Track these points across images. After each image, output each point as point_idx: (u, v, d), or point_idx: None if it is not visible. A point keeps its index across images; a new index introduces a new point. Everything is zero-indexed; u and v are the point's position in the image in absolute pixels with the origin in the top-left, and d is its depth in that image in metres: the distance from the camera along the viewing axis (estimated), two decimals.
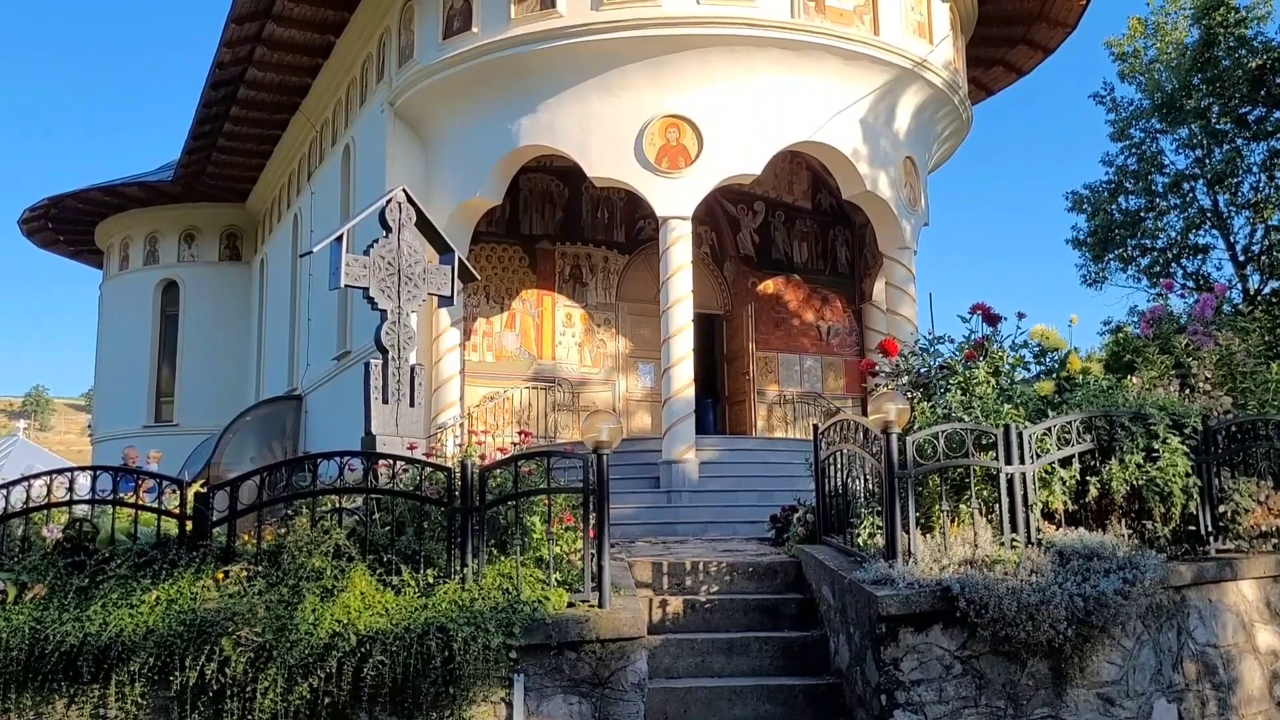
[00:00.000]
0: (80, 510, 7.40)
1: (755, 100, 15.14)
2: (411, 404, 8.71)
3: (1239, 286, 22.67)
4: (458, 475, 6.84)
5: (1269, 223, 22.89)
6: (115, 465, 7.98)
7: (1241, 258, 23.22)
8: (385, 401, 8.56)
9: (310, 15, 18.11)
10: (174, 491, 7.20)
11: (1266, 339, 9.70)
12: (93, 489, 7.64)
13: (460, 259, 9.42)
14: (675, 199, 15.01)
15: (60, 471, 7.70)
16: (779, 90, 15.21)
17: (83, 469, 8.07)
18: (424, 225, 9.28)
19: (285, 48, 19.13)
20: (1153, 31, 24.45)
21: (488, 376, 17.55)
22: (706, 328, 18.86)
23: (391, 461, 7.25)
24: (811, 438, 8.89)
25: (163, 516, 7.14)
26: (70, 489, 7.45)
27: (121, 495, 7.50)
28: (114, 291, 29.01)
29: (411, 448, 8.12)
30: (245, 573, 6.63)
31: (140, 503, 7.28)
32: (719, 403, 19.67)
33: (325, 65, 19.88)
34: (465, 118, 16.23)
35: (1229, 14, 21.46)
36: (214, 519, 6.99)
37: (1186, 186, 24.05)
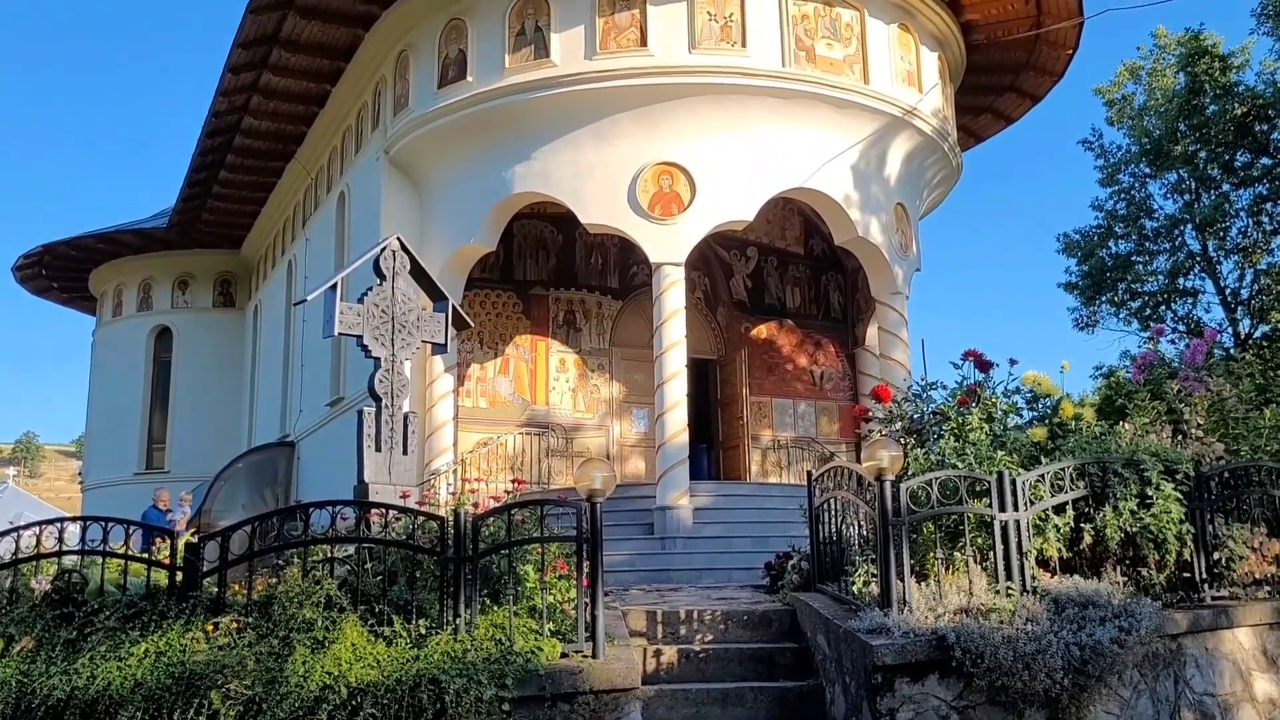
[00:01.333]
0: (69, 561, 7.35)
1: (747, 147, 15.28)
2: (405, 451, 8.69)
3: (1229, 330, 22.80)
4: (451, 524, 6.81)
5: (1257, 267, 23.07)
6: (104, 515, 7.91)
7: (1231, 301, 23.37)
8: (378, 449, 8.54)
9: (306, 65, 18.28)
10: (164, 541, 7.16)
11: (1258, 384, 9.74)
12: (82, 539, 7.59)
13: (454, 306, 9.45)
14: (668, 245, 15.10)
15: (49, 522, 7.66)
16: (771, 138, 15.36)
17: (72, 519, 8.02)
18: (418, 273, 9.31)
19: (281, 97, 19.30)
20: (1142, 78, 24.79)
21: (481, 422, 17.52)
22: (700, 373, 18.88)
23: (384, 510, 7.22)
24: (805, 483, 8.87)
25: (153, 567, 7.09)
26: (60, 539, 7.40)
27: (111, 545, 7.45)
28: (107, 338, 28.99)
29: (404, 496, 8.09)
30: (235, 624, 6.57)
31: (130, 553, 7.22)
32: (713, 448, 19.65)
33: (321, 114, 20.04)
34: (460, 165, 16.35)
35: (1213, 62, 21.78)
36: (204, 569, 6.94)
37: (1175, 231, 24.28)
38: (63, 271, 28.71)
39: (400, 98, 16.80)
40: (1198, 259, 23.86)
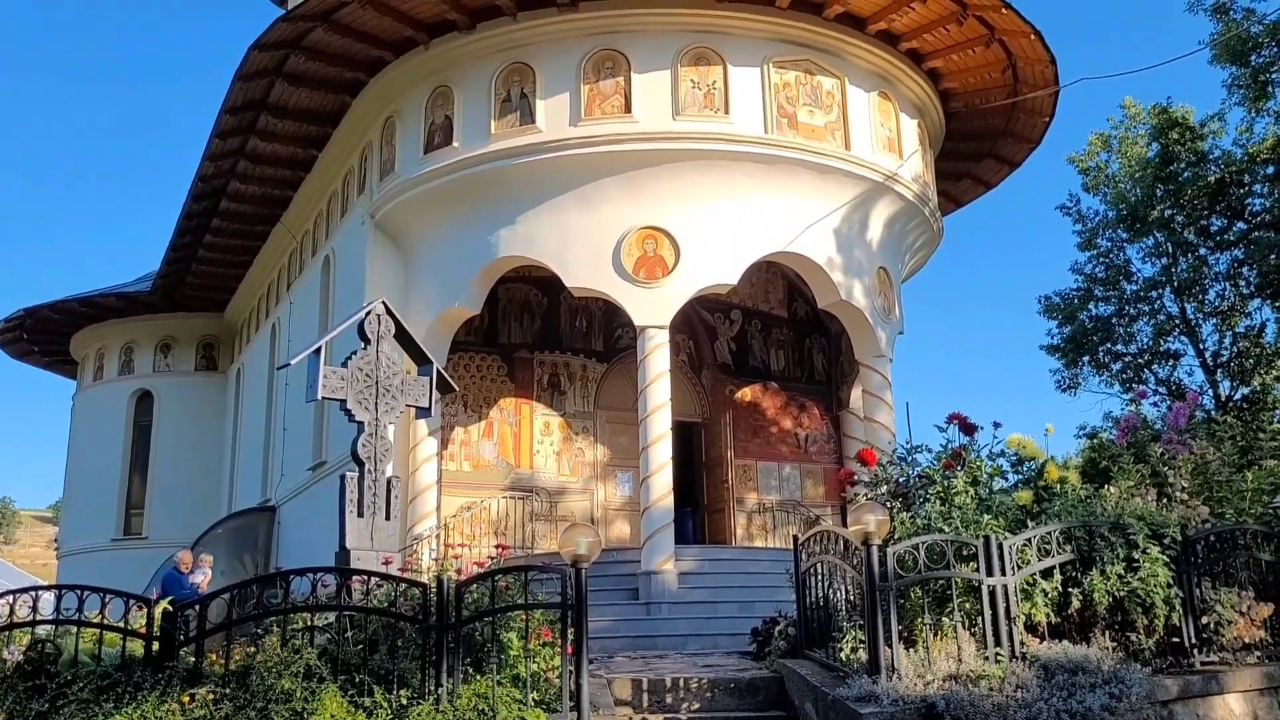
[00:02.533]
0: (43, 630, 7.20)
1: (731, 212, 15.43)
2: (387, 517, 8.60)
3: (1210, 393, 22.95)
4: (433, 591, 6.72)
5: (1235, 330, 23.31)
6: (80, 583, 7.77)
7: (1211, 364, 23.56)
8: (360, 515, 8.44)
9: (294, 131, 18.44)
10: (140, 609, 7.03)
11: (1240, 446, 9.78)
12: (57, 608, 7.45)
13: (439, 370, 9.42)
14: (653, 308, 15.15)
15: (23, 590, 7.52)
16: (754, 202, 15.51)
17: (47, 587, 7.88)
18: (403, 337, 9.29)
19: (268, 162, 19.43)
20: (1114, 146, 25.24)
21: (465, 486, 17.39)
22: (685, 436, 18.83)
23: (366, 577, 7.12)
24: (792, 547, 8.81)
25: (128, 636, 6.95)
26: (34, 608, 7.26)
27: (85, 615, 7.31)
28: (87, 402, 28.77)
29: (387, 562, 7.98)
30: (212, 695, 6.42)
31: (105, 622, 7.09)
32: (698, 511, 19.54)
33: (307, 178, 20.16)
34: (445, 229, 16.43)
35: (1185, 132, 22.23)
36: (181, 639, 6.80)
37: (1154, 294, 24.54)
38: (44, 335, 28.59)
39: (386, 163, 16.94)
40: (1177, 322, 24.10)
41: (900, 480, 8.68)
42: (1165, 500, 8.23)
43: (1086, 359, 25.09)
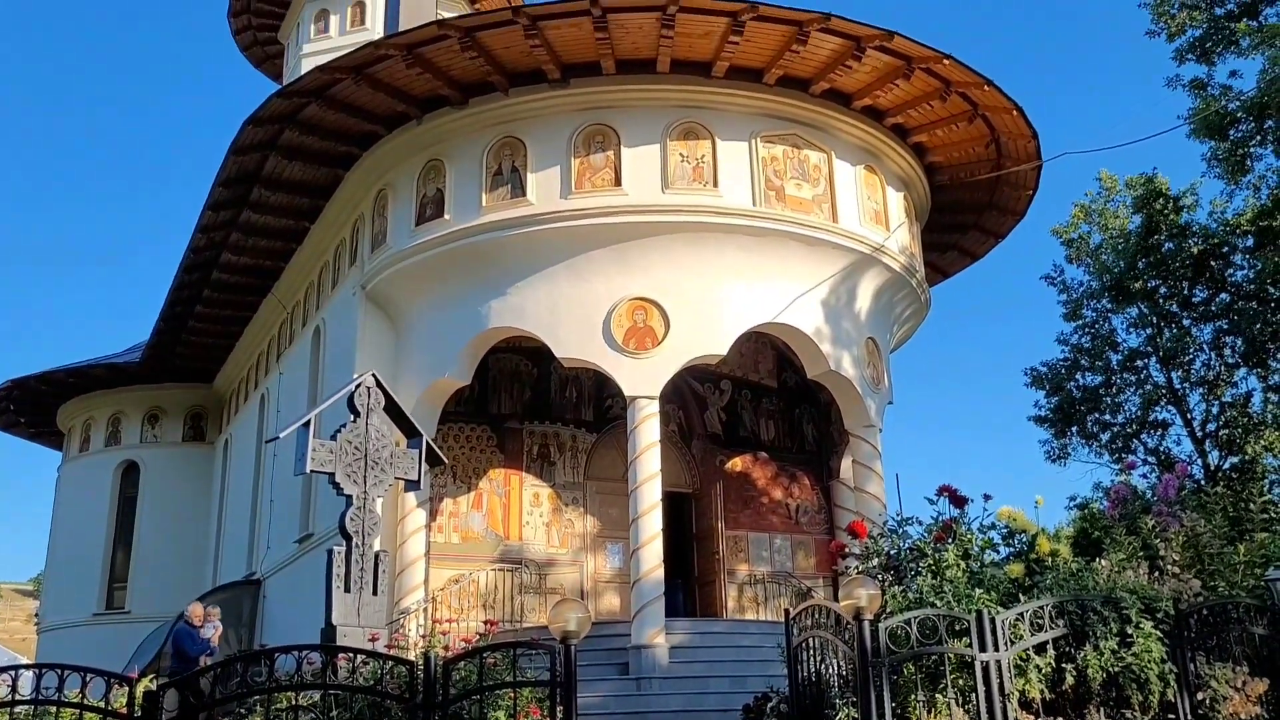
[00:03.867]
0: (21, 711, 7.06)
1: (720, 283, 15.55)
2: (375, 592, 8.51)
3: (1199, 463, 22.97)
4: (420, 668, 6.62)
5: (1222, 399, 23.41)
6: (60, 659, 7.63)
7: (1199, 434, 23.62)
8: (347, 590, 8.36)
9: (287, 203, 18.61)
10: (122, 688, 6.90)
11: (1230, 516, 9.77)
12: (36, 687, 7.31)
13: (428, 442, 9.41)
14: (643, 379, 15.18)
15: (2, 670, 7.38)
16: (743, 274, 15.64)
17: (26, 666, 7.73)
18: (392, 409, 9.29)
19: (260, 233, 19.57)
20: (1096, 218, 25.56)
21: (454, 558, 17.22)
22: (675, 506, 18.72)
23: (352, 654, 7.02)
24: (783, 621, 8.72)
25: (109, 717, 6.82)
26: (13, 687, 7.13)
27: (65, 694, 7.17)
28: (72, 474, 28.52)
29: (373, 638, 7.89)
30: None
31: (86, 702, 6.95)
32: (688, 583, 19.34)
33: (299, 250, 20.29)
34: (436, 300, 16.51)
35: (1167, 203, 22.57)
36: (164, 718, 6.67)
37: (1141, 364, 24.67)
38: (31, 406, 28.42)
39: (378, 234, 17.07)
40: (1164, 391, 24.20)
41: (891, 553, 8.66)
42: (1157, 573, 8.20)
43: (1075, 429, 25.12)
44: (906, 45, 14.69)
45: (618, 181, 15.29)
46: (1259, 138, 19.99)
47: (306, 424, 8.66)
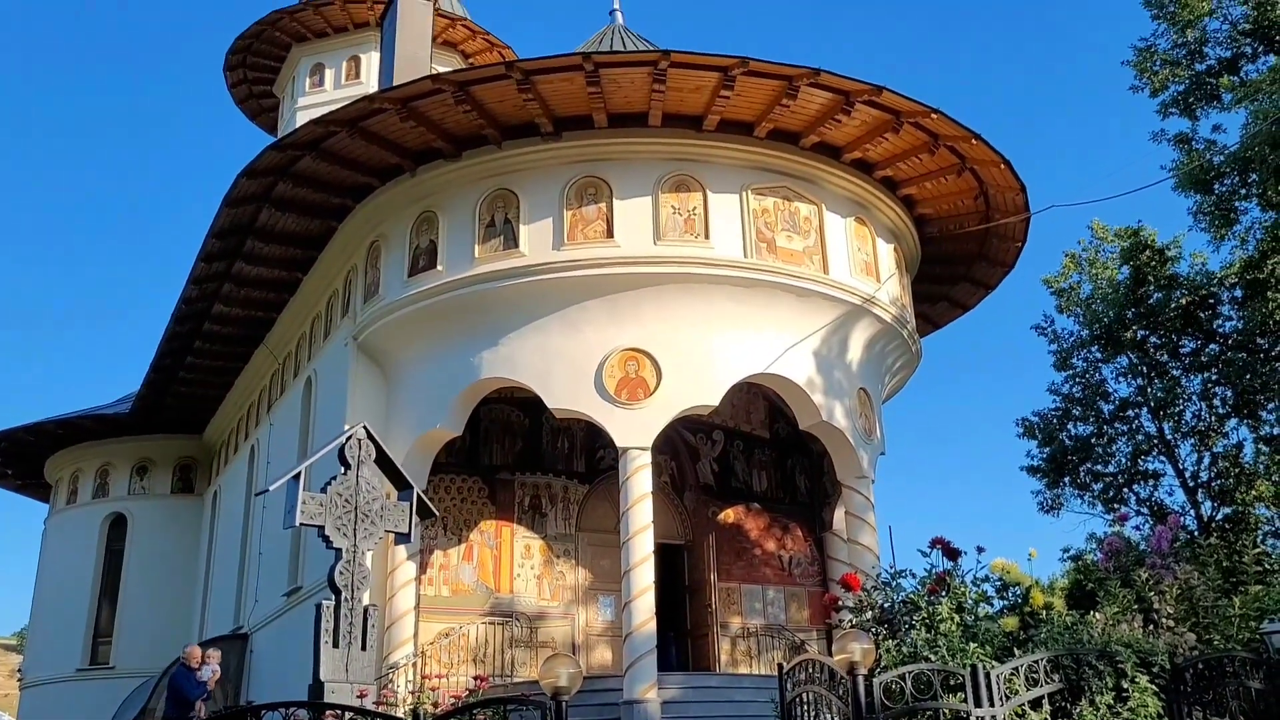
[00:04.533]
0: None
1: (712, 334, 15.59)
2: (363, 647, 8.41)
3: (1192, 514, 22.93)
4: None
5: (1214, 450, 23.42)
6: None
7: (1191, 484, 23.60)
8: (336, 645, 8.25)
9: (280, 254, 18.67)
10: None
11: (1224, 568, 9.74)
12: None
13: (419, 495, 9.35)
14: (635, 430, 15.15)
15: None
16: (735, 324, 15.69)
17: None
18: (383, 461, 9.25)
19: (253, 284, 19.60)
20: (1087, 267, 25.74)
21: (443, 611, 17.04)
22: (667, 558, 18.60)
23: (340, 711, 6.92)
24: (776, 674, 8.63)
25: None
26: None
27: None
28: (59, 526, 28.26)
29: (362, 695, 7.78)
30: None
31: None
32: (681, 636, 19.16)
33: (291, 301, 20.31)
34: (428, 351, 16.51)
35: (1154, 255, 22.76)
36: None
37: (1132, 414, 24.69)
38: (18, 458, 28.26)
39: (371, 285, 17.10)
40: (1155, 442, 24.21)
41: (885, 606, 8.58)
42: (1152, 626, 8.15)
43: (1067, 479, 25.08)
44: (895, 100, 14.89)
45: (610, 233, 15.38)
46: (1244, 191, 20.23)
47: (296, 476, 8.60)
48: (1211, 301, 22.51)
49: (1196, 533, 20.64)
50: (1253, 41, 20.86)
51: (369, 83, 26.17)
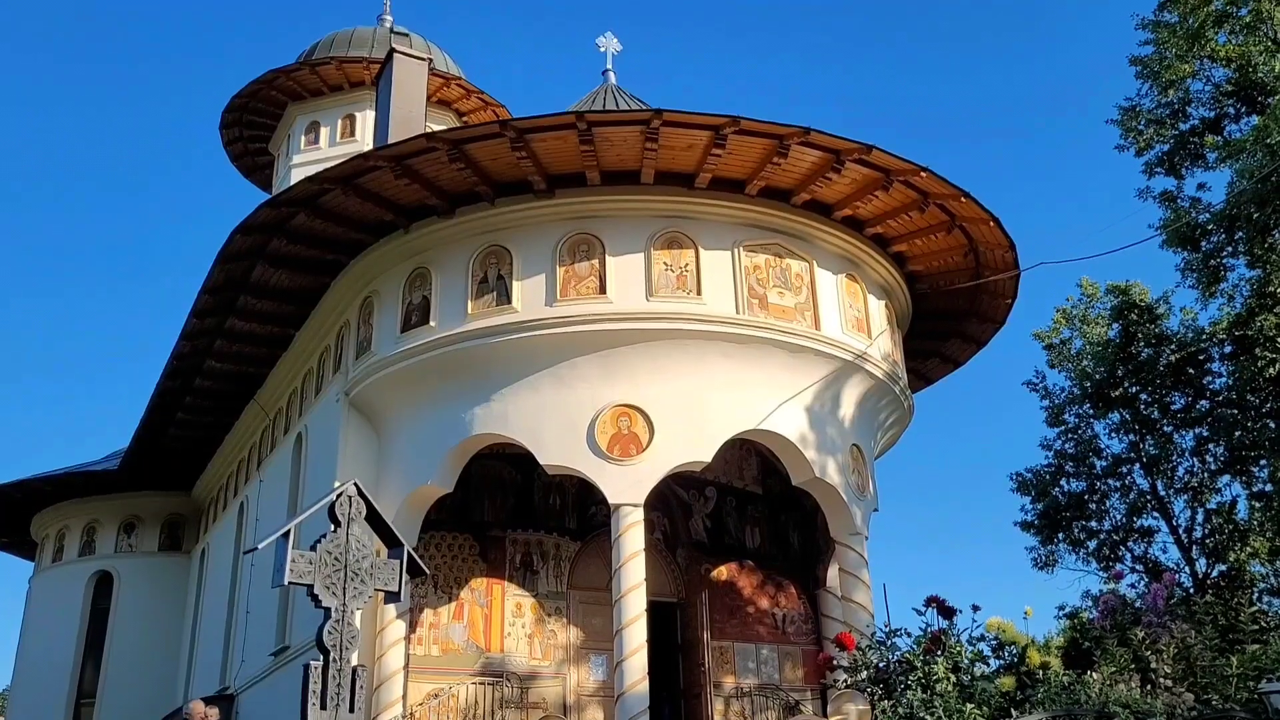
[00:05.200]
0: None
1: (704, 390, 15.58)
2: (351, 709, 8.26)
3: (1187, 571, 22.84)
4: None
5: (1207, 506, 23.40)
6: None
7: (1186, 541, 23.54)
8: (324, 707, 8.10)
9: (273, 310, 18.68)
10: None
11: (1220, 626, 9.67)
12: None
13: (410, 553, 9.25)
14: (627, 486, 15.08)
15: None
16: (727, 380, 15.70)
17: None
18: (374, 518, 9.16)
19: (245, 340, 19.59)
20: (1077, 323, 25.91)
21: (433, 671, 16.78)
22: (660, 616, 18.38)
23: None
24: None
25: None
26: None
27: None
28: (44, 585, 27.91)
29: None
30: None
31: None
32: (674, 696, 18.89)
33: (283, 356, 20.29)
34: (420, 407, 16.47)
35: (1143, 314, 22.93)
36: None
37: (1125, 470, 24.70)
38: (5, 515, 28.01)
39: (363, 341, 17.10)
40: (1149, 498, 24.19)
41: (880, 665, 8.49)
42: (1150, 686, 8.07)
43: (1061, 536, 25.01)
44: (884, 158, 15.06)
45: (602, 289, 15.44)
46: (1230, 249, 20.44)
47: (286, 534, 8.51)
48: (1201, 358, 22.64)
49: (1192, 590, 20.54)
50: (1235, 102, 21.24)
51: (364, 140, 26.42)
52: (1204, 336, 22.49)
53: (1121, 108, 22.40)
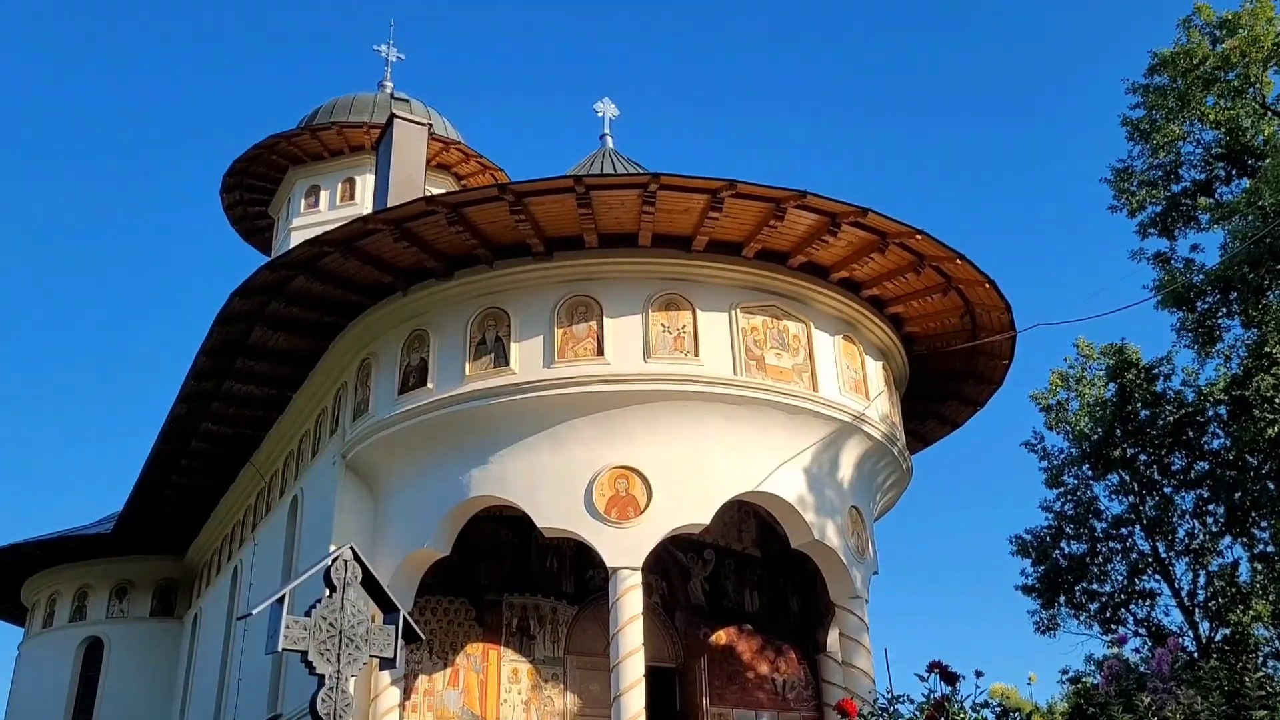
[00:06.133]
0: None
1: (702, 452, 15.53)
2: None
3: (1190, 634, 22.58)
4: None
5: (1209, 569, 23.20)
6: None
7: (1188, 604, 23.30)
8: None
9: (270, 372, 18.68)
10: None
11: (1226, 691, 9.51)
12: None
13: (405, 618, 9.15)
14: (625, 549, 14.95)
15: None
16: (725, 442, 15.65)
17: None
18: (369, 583, 9.07)
19: (242, 402, 19.55)
20: (1074, 384, 25.88)
21: None
22: (658, 682, 18.09)
23: None
24: None
25: None
26: None
27: None
28: (32, 652, 27.53)
29: None
30: None
31: None
32: None
33: (280, 418, 20.24)
34: (416, 469, 16.39)
35: (1139, 374, 22.94)
36: None
37: (1125, 531, 24.52)
38: None
39: (361, 403, 17.07)
40: (1150, 560, 23.99)
41: None
42: None
43: (1063, 599, 24.75)
44: (880, 221, 15.18)
45: (600, 351, 15.46)
46: (1225, 309, 20.54)
47: (281, 600, 8.42)
48: (1199, 419, 22.61)
49: (1195, 654, 20.29)
50: (1225, 165, 21.50)
51: (363, 204, 26.64)
52: (1201, 397, 22.49)
53: (1114, 169, 22.65)
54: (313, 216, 27.77)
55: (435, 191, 19.81)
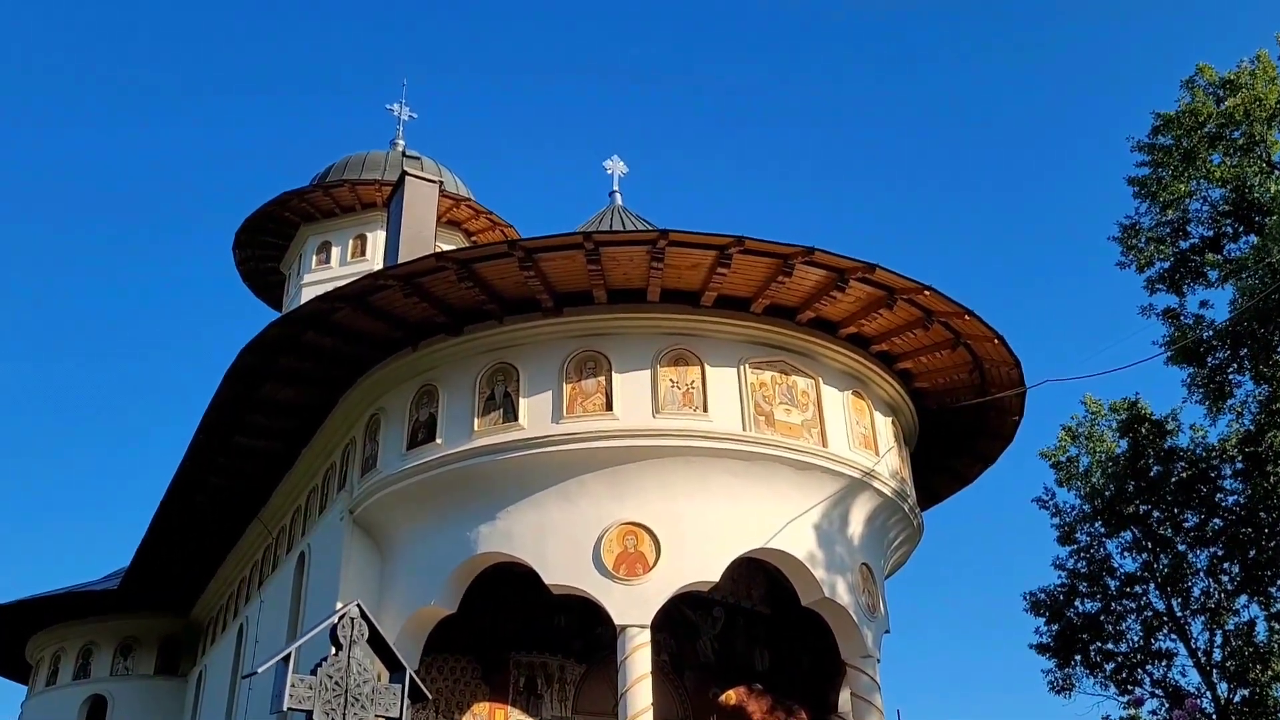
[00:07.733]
0: None
1: (712, 508, 15.42)
2: None
3: (1208, 695, 22.17)
4: None
5: (1225, 628, 22.83)
6: None
7: (1205, 664, 22.90)
8: None
9: (278, 427, 18.68)
10: None
11: None
12: None
13: (412, 676, 9.05)
14: (634, 607, 14.80)
15: None
16: (734, 498, 15.55)
17: None
18: (376, 640, 8.98)
19: (249, 457, 19.53)
20: (1083, 441, 25.68)
21: None
22: None
23: None
24: None
25: None
26: None
27: None
28: (36, 710, 27.26)
29: None
30: None
31: None
32: None
33: (288, 474, 20.19)
34: (424, 525, 16.30)
35: (1151, 429, 22.78)
36: None
37: (1139, 589, 24.17)
38: (0, 638, 27.48)
39: (369, 459, 17.02)
40: (1165, 619, 23.62)
41: None
42: None
43: (1078, 659, 24.33)
44: (888, 277, 15.21)
45: (609, 406, 15.44)
46: (1235, 365, 20.45)
47: (286, 658, 8.34)
48: (1212, 475, 22.41)
49: (1214, 716, 19.91)
50: (1232, 221, 21.54)
51: (374, 260, 26.83)
52: (1214, 453, 22.30)
53: (1122, 225, 22.68)
54: (324, 272, 27.98)
55: (445, 247, 19.97)
